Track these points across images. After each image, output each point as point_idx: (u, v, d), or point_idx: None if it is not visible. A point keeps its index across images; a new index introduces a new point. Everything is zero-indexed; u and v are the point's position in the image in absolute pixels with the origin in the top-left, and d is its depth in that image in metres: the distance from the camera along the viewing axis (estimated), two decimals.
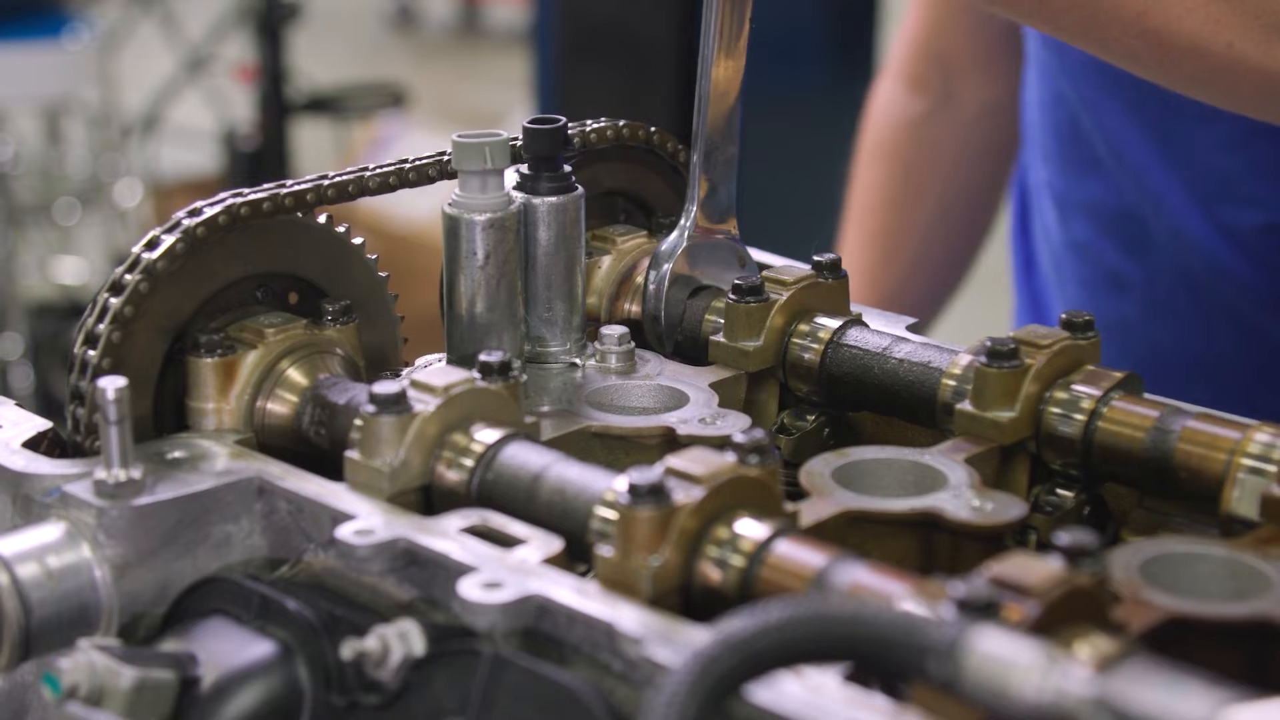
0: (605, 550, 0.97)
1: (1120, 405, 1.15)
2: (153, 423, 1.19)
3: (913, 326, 1.34)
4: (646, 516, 0.95)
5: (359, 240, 1.28)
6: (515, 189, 1.27)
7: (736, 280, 1.30)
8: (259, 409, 1.19)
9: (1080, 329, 1.20)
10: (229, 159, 5.35)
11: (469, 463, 1.08)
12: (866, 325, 1.31)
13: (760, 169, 3.59)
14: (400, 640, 0.96)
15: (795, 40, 4.14)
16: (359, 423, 1.09)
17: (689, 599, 0.97)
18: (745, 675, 0.82)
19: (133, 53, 6.84)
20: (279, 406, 1.19)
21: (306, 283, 1.25)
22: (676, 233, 1.35)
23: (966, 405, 1.18)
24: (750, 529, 0.96)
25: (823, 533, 1.03)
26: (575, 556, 1.02)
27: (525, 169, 1.29)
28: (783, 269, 1.34)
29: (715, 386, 1.26)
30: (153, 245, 1.17)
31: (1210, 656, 0.90)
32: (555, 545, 1.00)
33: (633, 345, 1.30)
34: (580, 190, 1.29)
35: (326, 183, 1.24)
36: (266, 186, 1.21)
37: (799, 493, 1.08)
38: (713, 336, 1.31)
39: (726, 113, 1.31)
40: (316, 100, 5.20)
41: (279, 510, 1.09)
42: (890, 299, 2.12)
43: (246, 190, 1.21)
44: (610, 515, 0.99)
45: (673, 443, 1.17)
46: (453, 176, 1.27)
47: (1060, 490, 1.18)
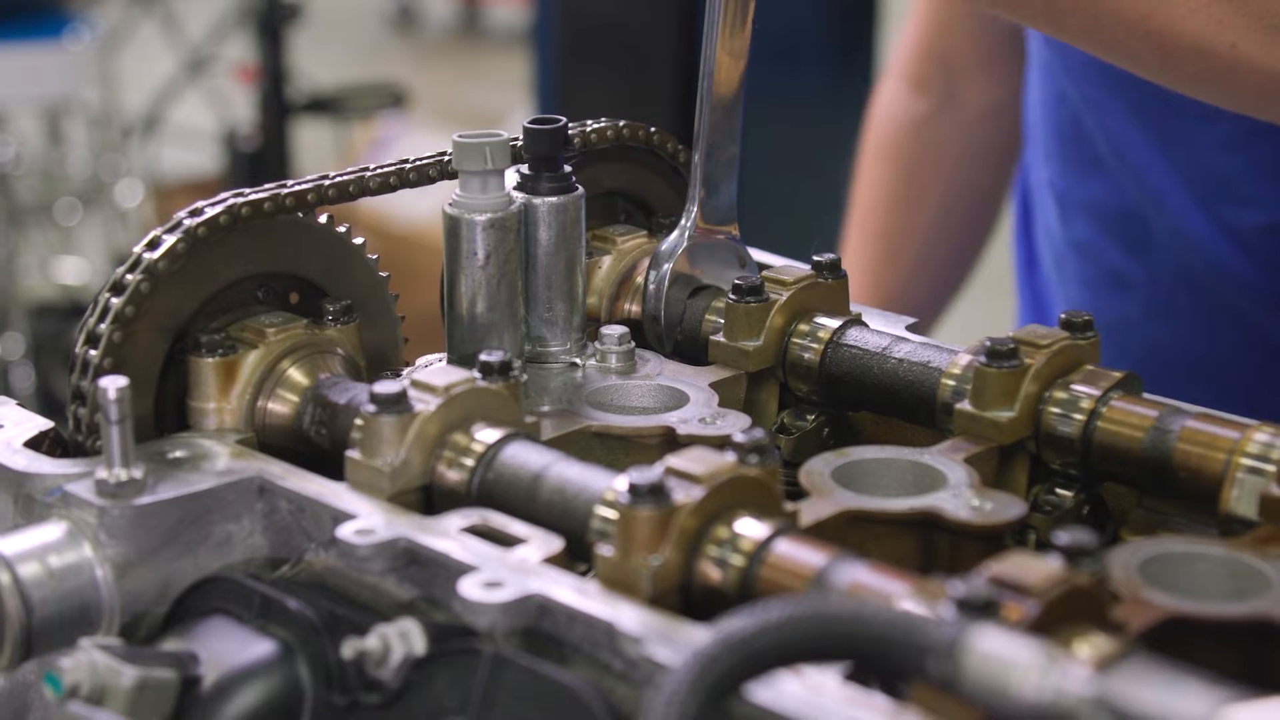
0: (605, 550, 0.97)
1: (1119, 405, 1.16)
2: (154, 422, 1.19)
3: (912, 326, 1.34)
4: (646, 516, 0.95)
5: (360, 240, 1.28)
6: (516, 189, 1.27)
7: (736, 280, 1.31)
8: (260, 409, 1.20)
9: (1079, 329, 1.20)
10: (230, 159, 5.36)
11: (469, 462, 1.08)
12: (866, 325, 1.31)
13: (760, 169, 3.59)
14: (401, 639, 0.97)
15: (795, 41, 4.14)
16: (360, 422, 1.09)
17: (689, 598, 0.97)
18: (745, 674, 0.82)
19: (133, 53, 6.85)
20: (280, 406, 1.20)
21: (307, 283, 1.26)
22: (677, 233, 1.35)
23: (966, 405, 1.18)
24: (750, 528, 0.97)
25: (822, 532, 1.03)
26: (575, 556, 1.02)
27: (526, 169, 1.29)
28: (783, 269, 1.34)
29: (715, 386, 1.26)
30: (154, 245, 1.17)
31: (1209, 656, 0.90)
32: (555, 545, 1.00)
33: (633, 345, 1.30)
34: (580, 190, 1.29)
35: (327, 183, 1.24)
36: (267, 186, 1.22)
37: (799, 492, 1.08)
38: (713, 336, 1.31)
39: (728, 113, 1.32)
40: (317, 101, 5.20)
41: (280, 510, 1.09)
42: (893, 299, 2.12)
43: (247, 190, 1.21)
44: (610, 515, 0.99)
45: (673, 442, 1.17)
46: (453, 177, 1.28)
47: (1059, 490, 1.19)
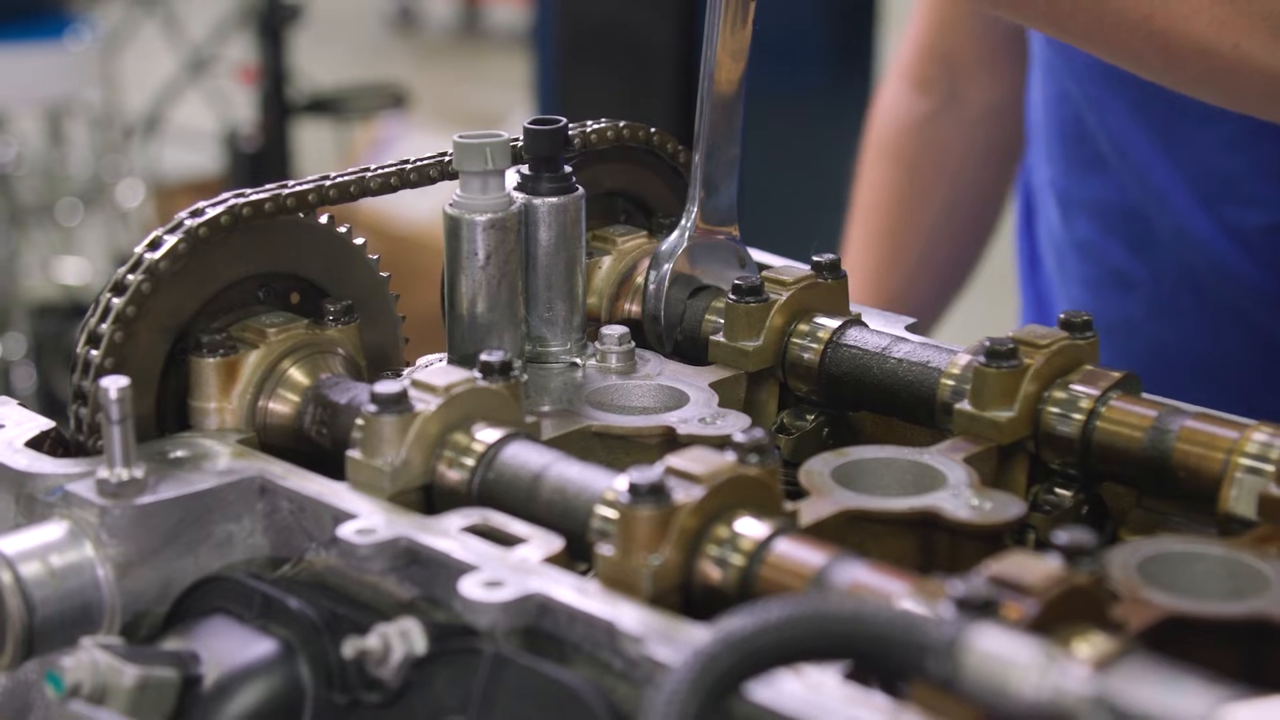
0: (606, 549, 0.97)
1: (1118, 405, 1.16)
2: (155, 422, 1.19)
3: (912, 326, 1.34)
4: (647, 516, 0.95)
5: (360, 240, 1.28)
6: (516, 189, 1.28)
7: (736, 280, 1.31)
8: (261, 408, 1.20)
9: (1079, 329, 1.20)
10: (231, 160, 5.36)
11: (470, 462, 1.08)
12: (866, 325, 1.31)
13: (760, 169, 3.59)
14: (401, 639, 0.97)
15: (795, 41, 4.14)
16: (360, 422, 1.09)
17: (689, 598, 0.97)
18: (745, 674, 0.82)
19: (135, 54, 6.85)
20: (281, 406, 1.20)
21: (308, 283, 1.26)
22: (677, 233, 1.35)
23: (965, 405, 1.18)
24: (750, 528, 0.97)
25: (822, 532, 1.03)
26: (576, 555, 1.02)
27: (526, 169, 1.29)
28: (782, 269, 1.34)
29: (715, 386, 1.26)
30: (155, 245, 1.17)
31: (1208, 655, 0.91)
32: (556, 544, 1.00)
33: (633, 345, 1.30)
34: (581, 191, 1.29)
35: (328, 183, 1.25)
36: (268, 187, 1.22)
37: (798, 492, 1.09)
38: (713, 336, 1.31)
39: (728, 113, 1.32)
40: (318, 101, 5.20)
41: (281, 509, 1.09)
42: (895, 299, 2.12)
43: (249, 190, 1.21)
44: (611, 514, 0.99)
45: (673, 442, 1.17)
46: (454, 177, 1.28)
47: (1059, 489, 1.19)
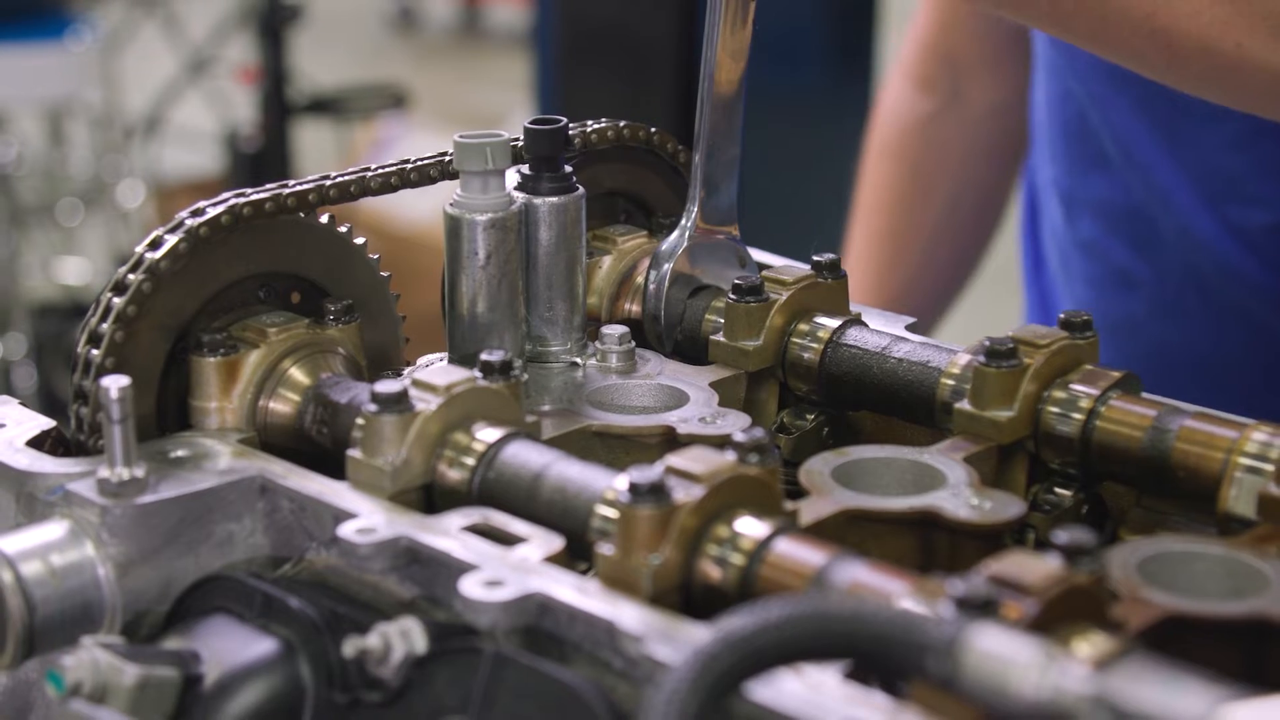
0: (606, 548, 0.97)
1: (1118, 404, 1.16)
2: (156, 421, 1.19)
3: (912, 326, 1.34)
4: (647, 515, 0.95)
5: (361, 240, 1.29)
6: (516, 189, 1.28)
7: (736, 280, 1.31)
8: (261, 408, 1.20)
9: (1078, 329, 1.20)
10: (231, 160, 5.36)
11: (470, 461, 1.08)
12: (866, 325, 1.31)
13: (760, 169, 3.59)
14: (402, 638, 0.97)
15: (795, 41, 4.14)
16: (361, 422, 1.09)
17: (689, 597, 0.97)
18: (745, 673, 0.82)
19: (135, 54, 6.85)
20: (281, 405, 1.20)
21: (309, 282, 1.26)
22: (677, 233, 1.36)
23: (965, 404, 1.18)
24: (750, 527, 0.97)
25: (822, 531, 1.03)
26: (576, 555, 1.02)
27: (526, 169, 1.29)
28: (782, 269, 1.34)
29: (715, 386, 1.26)
30: (156, 245, 1.17)
31: (1208, 654, 0.91)
32: (556, 543, 1.00)
33: (633, 345, 1.30)
34: (581, 190, 1.29)
35: (328, 183, 1.25)
36: (269, 187, 1.22)
37: (798, 491, 1.09)
38: (713, 336, 1.32)
39: (728, 113, 1.32)
40: (318, 101, 5.20)
41: (281, 509, 1.09)
42: (897, 297, 2.13)
43: (249, 190, 1.21)
44: (611, 514, 0.99)
45: (673, 442, 1.17)
46: (454, 177, 1.28)
47: (1058, 489, 1.19)
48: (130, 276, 1.16)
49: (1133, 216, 1.86)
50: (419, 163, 1.31)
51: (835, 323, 1.30)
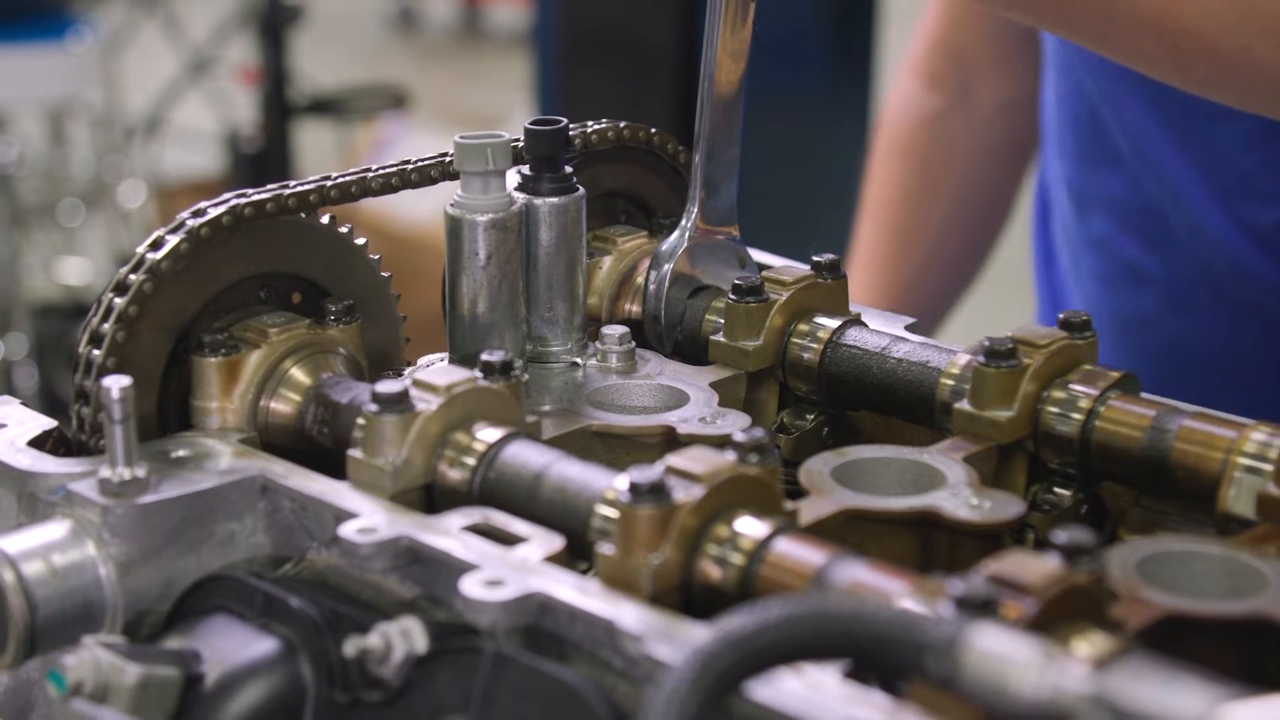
0: (606, 548, 0.97)
1: (1117, 404, 1.16)
2: (157, 421, 1.19)
3: (912, 326, 1.34)
4: (647, 515, 0.96)
5: (362, 241, 1.29)
6: (517, 190, 1.28)
7: (736, 280, 1.31)
8: (262, 408, 1.20)
9: (1078, 329, 1.20)
10: (232, 160, 5.37)
11: (471, 461, 1.09)
12: (865, 325, 1.31)
13: (760, 169, 3.60)
14: (402, 638, 0.97)
15: (795, 41, 4.14)
16: (362, 422, 1.09)
17: (689, 597, 0.97)
18: (745, 672, 0.82)
19: (136, 55, 6.85)
20: (282, 405, 1.20)
21: (310, 283, 1.26)
22: (677, 233, 1.36)
23: (965, 404, 1.18)
24: (750, 527, 0.97)
25: (822, 531, 1.03)
26: (576, 554, 1.02)
27: (527, 170, 1.29)
28: (782, 269, 1.35)
29: (715, 386, 1.27)
30: (157, 245, 1.18)
31: (1207, 654, 0.91)
32: (556, 543, 1.01)
33: (633, 345, 1.30)
34: (581, 191, 1.29)
35: (329, 183, 1.25)
36: (270, 187, 1.22)
37: (798, 491, 1.09)
38: (713, 336, 1.32)
39: (728, 113, 1.32)
40: (319, 102, 5.21)
41: (282, 508, 1.10)
42: (904, 294, 2.13)
43: (250, 191, 1.21)
44: (611, 514, 1.00)
45: (673, 441, 1.17)
46: (454, 177, 1.28)
47: (1058, 489, 1.19)
48: (132, 277, 1.16)
49: (1144, 213, 1.86)
50: (419, 163, 1.31)
51: (835, 323, 1.30)
